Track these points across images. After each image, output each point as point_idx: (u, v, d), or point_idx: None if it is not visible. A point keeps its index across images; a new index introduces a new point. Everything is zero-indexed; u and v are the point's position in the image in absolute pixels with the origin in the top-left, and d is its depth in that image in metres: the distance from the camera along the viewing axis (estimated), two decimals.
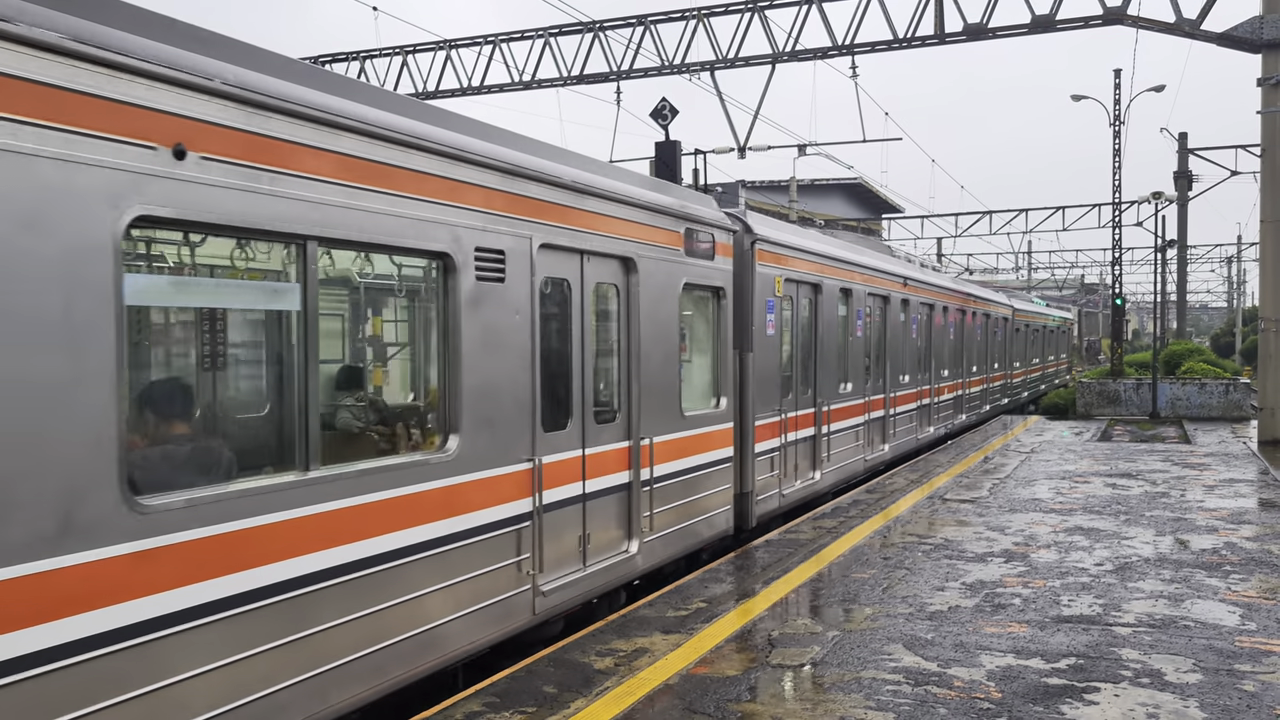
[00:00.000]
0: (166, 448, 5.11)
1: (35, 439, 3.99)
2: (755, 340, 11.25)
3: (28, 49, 3.93)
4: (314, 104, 5.29)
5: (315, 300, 5.32)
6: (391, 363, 7.17)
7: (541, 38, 26.10)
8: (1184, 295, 45.50)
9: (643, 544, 8.68)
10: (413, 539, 5.97)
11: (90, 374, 4.19)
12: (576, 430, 7.87)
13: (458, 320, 6.43)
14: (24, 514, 3.94)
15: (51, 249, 4.06)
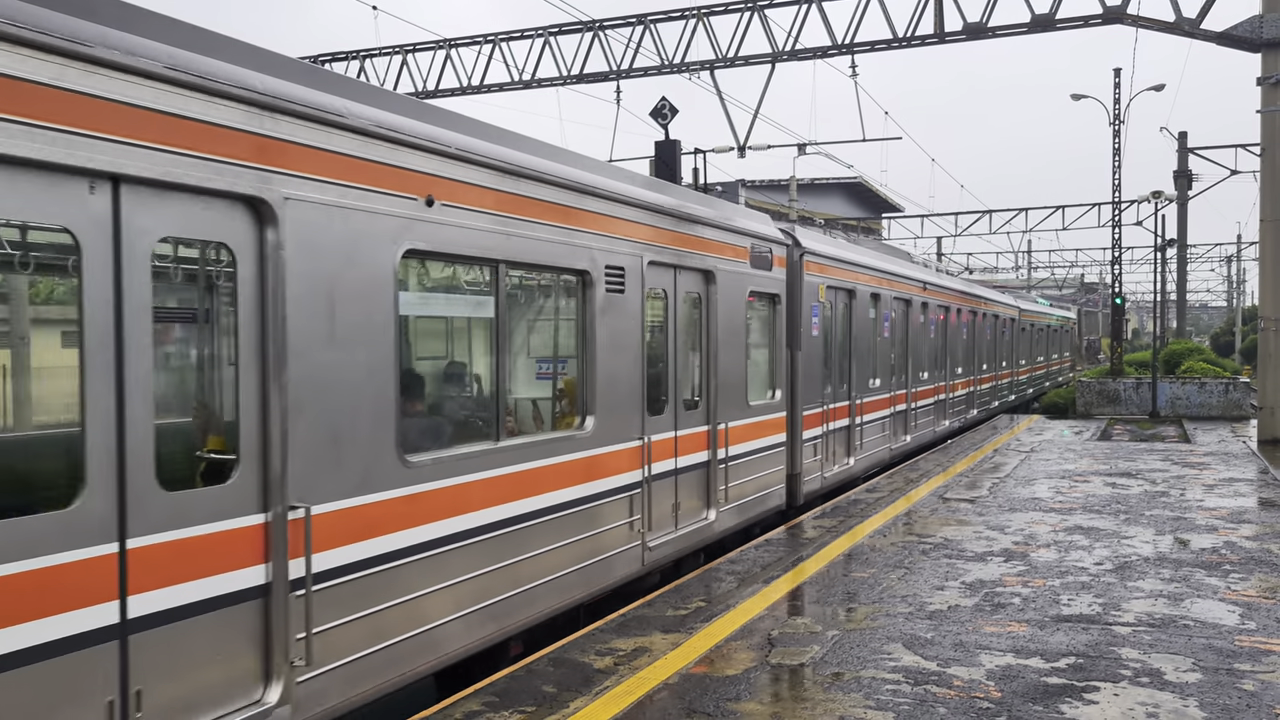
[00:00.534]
0: (419, 420, 6.68)
1: (354, 414, 5.59)
2: (803, 340, 12.82)
3: (356, 136, 5.64)
4: (504, 157, 6.91)
5: (505, 309, 7.08)
6: (545, 355, 8.55)
7: (541, 37, 26.10)
8: (1184, 294, 45.51)
9: (719, 513, 10.35)
10: (567, 497, 7.69)
11: (380, 366, 5.82)
12: (671, 415, 9.50)
13: (593, 324, 8.09)
14: (348, 467, 5.57)
15: (363, 275, 5.72)
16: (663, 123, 23.94)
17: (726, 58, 24.37)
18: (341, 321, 5.53)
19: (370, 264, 5.72)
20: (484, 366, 7.20)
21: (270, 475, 5.11)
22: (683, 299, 9.77)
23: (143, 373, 4.54)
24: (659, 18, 25.03)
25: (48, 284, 5.18)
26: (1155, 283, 32.12)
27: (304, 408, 5.30)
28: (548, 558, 7.41)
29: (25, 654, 4.05)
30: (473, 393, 7.47)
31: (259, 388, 5.11)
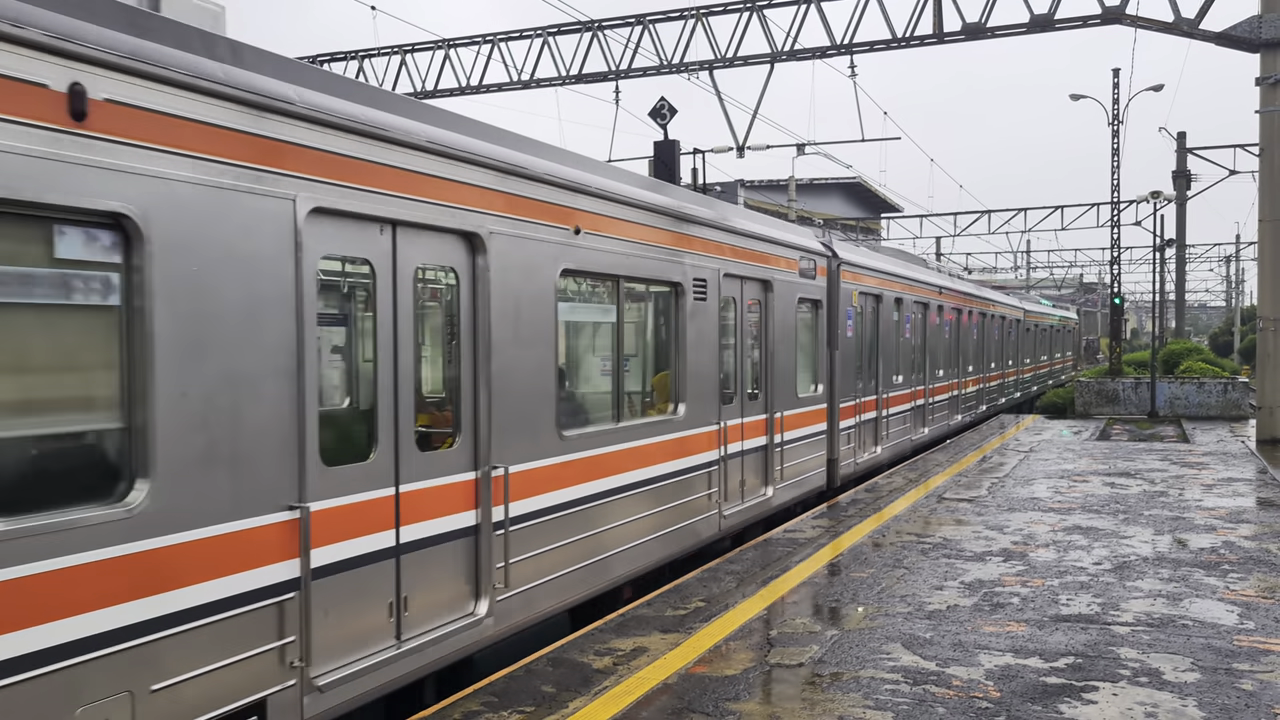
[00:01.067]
0: (568, 404, 8.45)
1: (530, 398, 7.35)
2: (840, 341, 14.41)
3: (535, 183, 7.38)
4: (627, 194, 8.69)
5: (623, 315, 8.93)
6: (647, 353, 10.13)
7: (540, 37, 26.10)
8: (1182, 294, 45.53)
9: (775, 489, 12.04)
10: (668, 469, 9.45)
11: (546, 361, 7.56)
12: (739, 404, 11.15)
13: (684, 326, 9.81)
14: (527, 438, 7.34)
15: (535, 290, 7.43)
16: (662, 123, 23.95)
17: (725, 58, 24.38)
18: (523, 326, 7.27)
19: (540, 281, 7.46)
20: (608, 361, 9.01)
21: (480, 443, 6.82)
22: (747, 305, 11.48)
23: (409, 364, 6.17)
24: (658, 18, 25.03)
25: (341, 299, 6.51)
26: (1154, 283, 32.14)
27: (500, 393, 7.02)
28: (655, 518, 9.25)
29: (350, 562, 5.78)
30: (600, 382, 9.16)
31: (473, 377, 6.83)
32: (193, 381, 4.71)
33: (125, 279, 4.46)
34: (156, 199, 4.50)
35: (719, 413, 10.50)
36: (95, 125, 4.25)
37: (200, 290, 4.78)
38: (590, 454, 8.12)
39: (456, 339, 6.76)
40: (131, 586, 4.40)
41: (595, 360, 9.13)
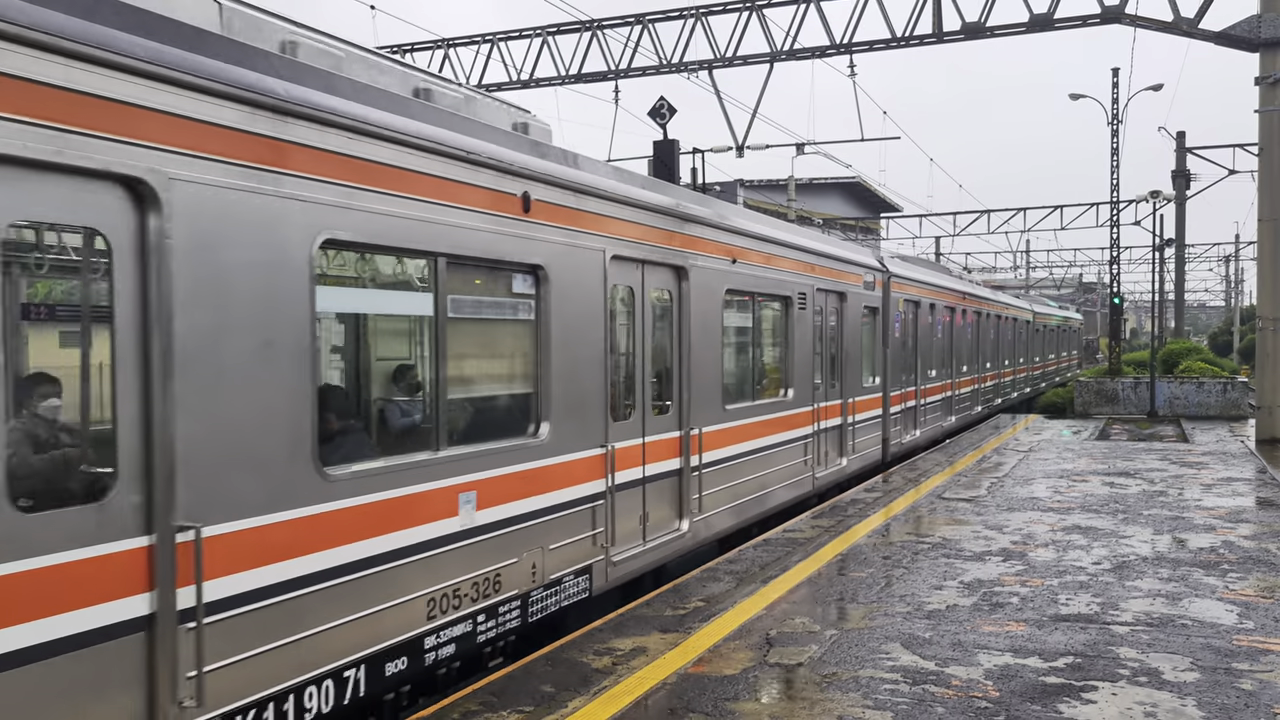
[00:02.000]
0: (730, 387, 11.03)
1: (709, 381, 9.96)
2: (891, 341, 17.31)
3: (721, 230, 10.36)
4: (762, 232, 11.60)
5: (757, 322, 11.81)
6: (769, 350, 12.66)
7: (539, 36, 26.08)
8: (1182, 294, 45.53)
9: (849, 460, 14.90)
10: (781, 439, 12.20)
11: (715, 357, 10.09)
12: (824, 391, 13.92)
13: (792, 329, 12.63)
14: (710, 408, 9.87)
15: (714, 306, 10.32)
16: (661, 122, 23.94)
17: (725, 57, 24.37)
18: (706, 332, 10.07)
19: (715, 298, 10.34)
20: (746, 356, 11.92)
21: (683, 415, 9.55)
22: (830, 312, 14.30)
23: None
24: (657, 17, 25.02)
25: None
26: (1153, 282, 32.14)
27: (693, 379, 9.70)
28: (775, 474, 12.02)
29: (627, 484, 8.69)
30: (741, 371, 11.80)
31: (680, 370, 9.61)
32: (563, 366, 7.74)
33: (536, 304, 7.58)
34: (554, 256, 7.60)
35: (813, 397, 13.43)
36: (533, 214, 7.38)
37: (566, 318, 7.93)
38: (739, 423, 10.95)
39: (677, 347, 9.67)
40: (537, 486, 7.43)
41: (737, 355, 11.70)
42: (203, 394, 4.80)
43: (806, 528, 11.41)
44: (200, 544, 4.72)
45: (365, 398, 7.08)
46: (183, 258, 4.67)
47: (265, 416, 5.15)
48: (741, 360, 11.85)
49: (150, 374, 4.57)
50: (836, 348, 14.61)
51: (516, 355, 7.69)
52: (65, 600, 4.22)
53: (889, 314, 17.19)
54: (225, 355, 4.92)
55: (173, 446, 4.63)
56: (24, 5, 4.08)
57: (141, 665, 4.55)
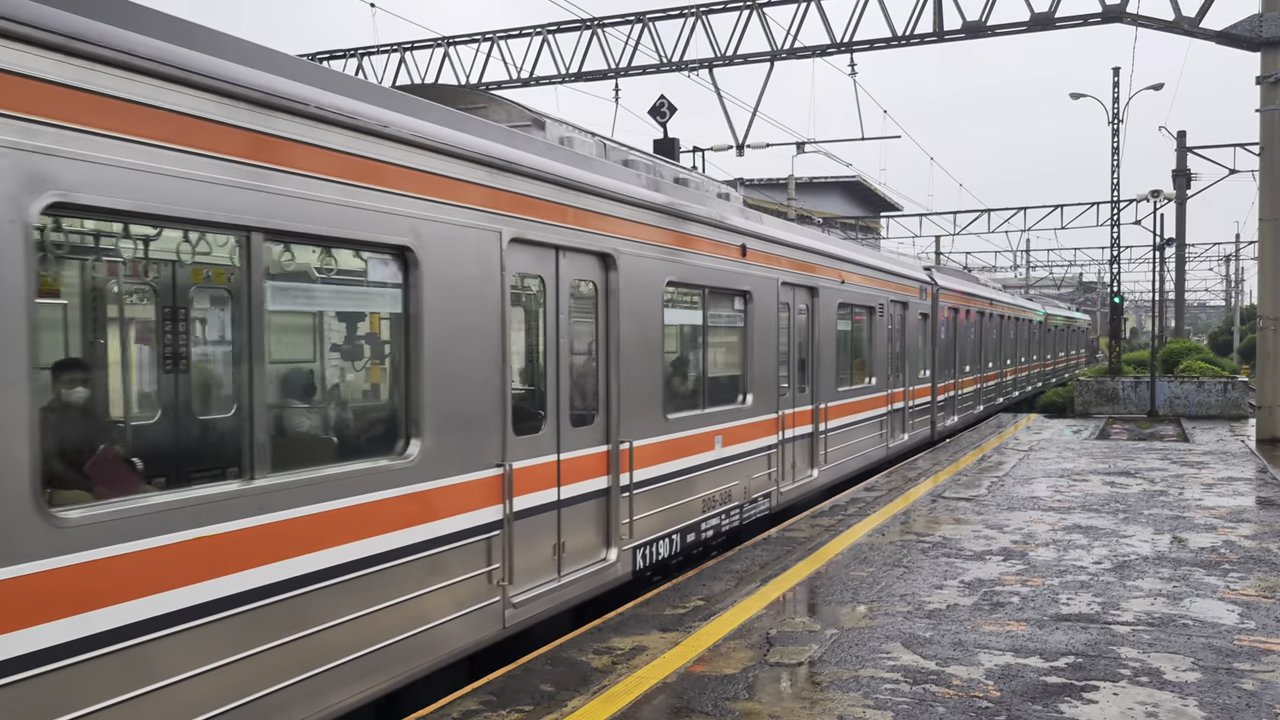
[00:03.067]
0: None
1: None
2: (938, 341, 21.04)
3: (838, 261, 14.37)
4: (860, 259, 15.27)
5: (850, 326, 15.05)
6: (868, 348, 16.25)
7: (540, 34, 26.06)
8: (1182, 293, 45.49)
9: (909, 435, 18.69)
10: (882, 411, 16.59)
11: (831, 354, 13.95)
12: (893, 381, 17.44)
13: (874, 332, 16.11)
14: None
15: (831, 316, 14.01)
16: (661, 121, 23.93)
17: (725, 56, 24.34)
18: (824, 332, 12.92)
19: (832, 310, 13.72)
20: (850, 354, 15.39)
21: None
22: (896, 319, 17.66)
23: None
24: (658, 16, 24.99)
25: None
26: (1154, 282, 32.13)
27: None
28: (879, 434, 16.41)
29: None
30: (852, 362, 15.26)
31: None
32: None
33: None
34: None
35: (889, 383, 17.18)
36: (748, 258, 10.41)
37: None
38: (847, 402, 14.51)
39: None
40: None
41: (837, 354, 14.46)
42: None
43: (806, 527, 11.40)
44: (632, 450, 8.52)
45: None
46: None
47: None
48: (855, 352, 15.73)
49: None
50: (901, 346, 18.16)
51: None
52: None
53: (936, 319, 20.90)
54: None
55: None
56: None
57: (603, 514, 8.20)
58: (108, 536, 4.30)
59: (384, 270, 6.20)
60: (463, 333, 6.55)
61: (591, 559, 8.10)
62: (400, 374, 6.21)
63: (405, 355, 6.15)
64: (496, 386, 6.85)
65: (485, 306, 6.76)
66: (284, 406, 6.11)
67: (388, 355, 6.59)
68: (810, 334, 13.29)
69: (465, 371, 6.56)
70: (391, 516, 5.86)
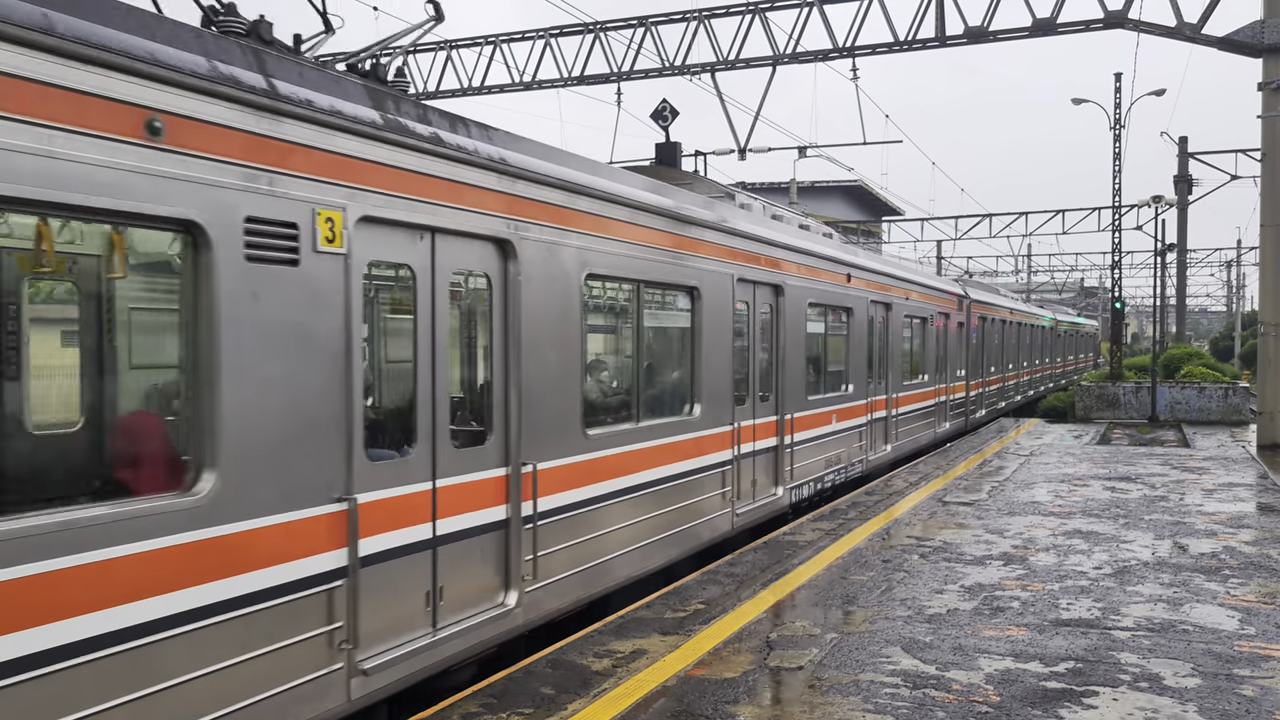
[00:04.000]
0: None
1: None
2: (970, 346, 24.61)
3: (904, 283, 18.20)
4: (919, 278, 19.54)
5: (914, 333, 19.20)
6: (921, 352, 19.49)
7: (542, 38, 26.09)
8: (1183, 299, 45.47)
9: (950, 424, 22.17)
10: (920, 407, 19.59)
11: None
12: (939, 378, 20.64)
13: (927, 337, 19.79)
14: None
15: (901, 325, 17.98)
16: (663, 125, 23.93)
17: (727, 60, 24.36)
18: (897, 340, 16.81)
19: (900, 321, 17.22)
20: (908, 358, 18.42)
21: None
22: (940, 328, 21.14)
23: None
24: (660, 20, 25.02)
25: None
26: (1155, 287, 32.13)
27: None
28: (930, 422, 19.87)
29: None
30: (911, 365, 18.56)
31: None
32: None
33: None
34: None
35: (935, 382, 20.55)
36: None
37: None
38: (908, 394, 17.67)
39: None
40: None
41: (906, 355, 17.50)
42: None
43: (807, 531, 11.40)
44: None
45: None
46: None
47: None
48: (911, 357, 18.87)
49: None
50: (944, 350, 21.70)
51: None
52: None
53: (969, 327, 24.62)
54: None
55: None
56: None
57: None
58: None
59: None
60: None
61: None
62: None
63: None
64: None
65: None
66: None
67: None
68: (875, 339, 16.27)
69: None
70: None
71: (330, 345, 5.46)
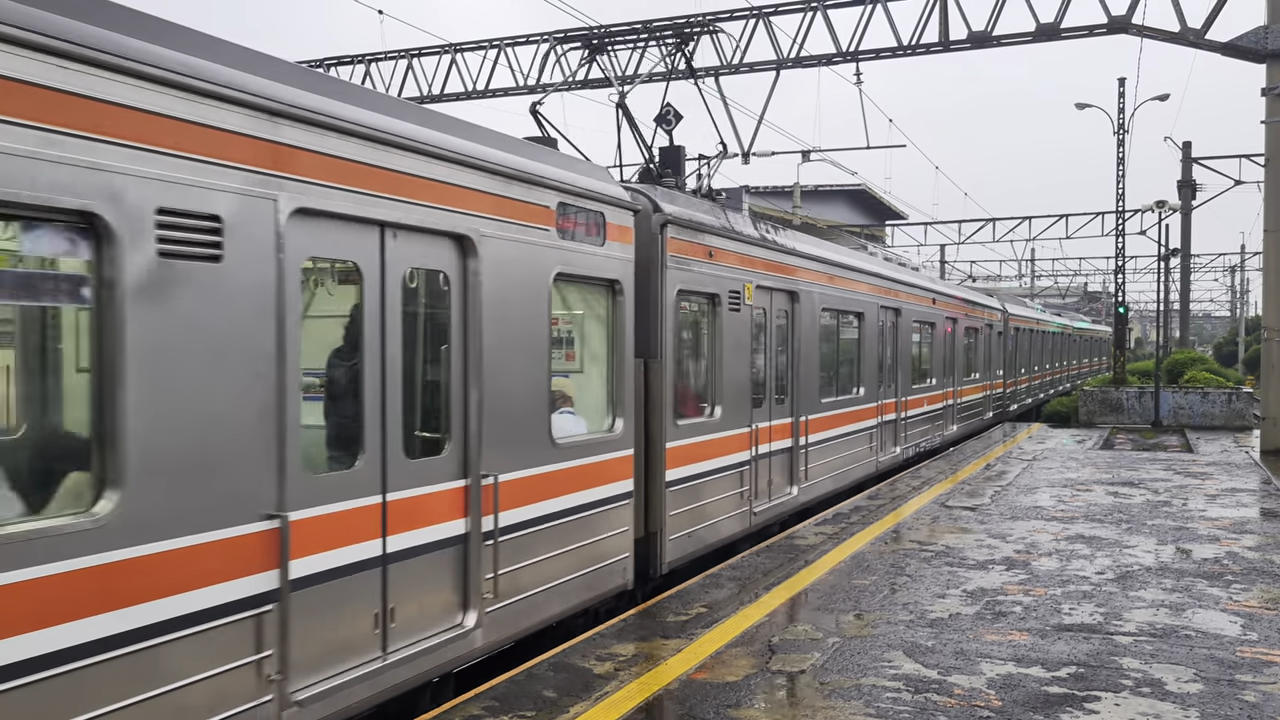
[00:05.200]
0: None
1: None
2: (1006, 351, 29.13)
3: (933, 294, 21.10)
4: (976, 300, 26.01)
5: (967, 340, 24.66)
6: (974, 356, 24.95)
7: (546, 42, 26.13)
8: (1187, 304, 45.39)
9: (991, 413, 26.98)
10: (978, 398, 25.19)
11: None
12: (986, 375, 26.05)
13: (978, 345, 25.19)
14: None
15: (943, 332, 21.62)
16: (667, 129, 23.94)
17: (731, 64, 24.39)
18: (976, 348, 24.45)
19: (960, 331, 22.20)
20: (966, 359, 23.31)
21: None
22: (986, 336, 25.45)
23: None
24: (664, 25, 25.02)
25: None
26: (1158, 292, 32.14)
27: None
28: (969, 422, 23.76)
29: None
30: (973, 371, 23.87)
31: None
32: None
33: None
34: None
35: (986, 379, 24.82)
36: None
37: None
38: (968, 386, 22.82)
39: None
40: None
41: (966, 354, 21.75)
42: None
43: (810, 534, 11.40)
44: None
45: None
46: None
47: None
48: (974, 364, 23.69)
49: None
50: (989, 354, 26.59)
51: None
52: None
53: (1007, 335, 29.55)
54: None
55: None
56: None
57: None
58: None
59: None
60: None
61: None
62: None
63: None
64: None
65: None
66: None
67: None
68: (934, 345, 20.43)
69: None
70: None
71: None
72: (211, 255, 4.70)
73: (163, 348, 4.46)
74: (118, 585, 4.27)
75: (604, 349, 8.54)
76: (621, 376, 8.44)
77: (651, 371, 9.10)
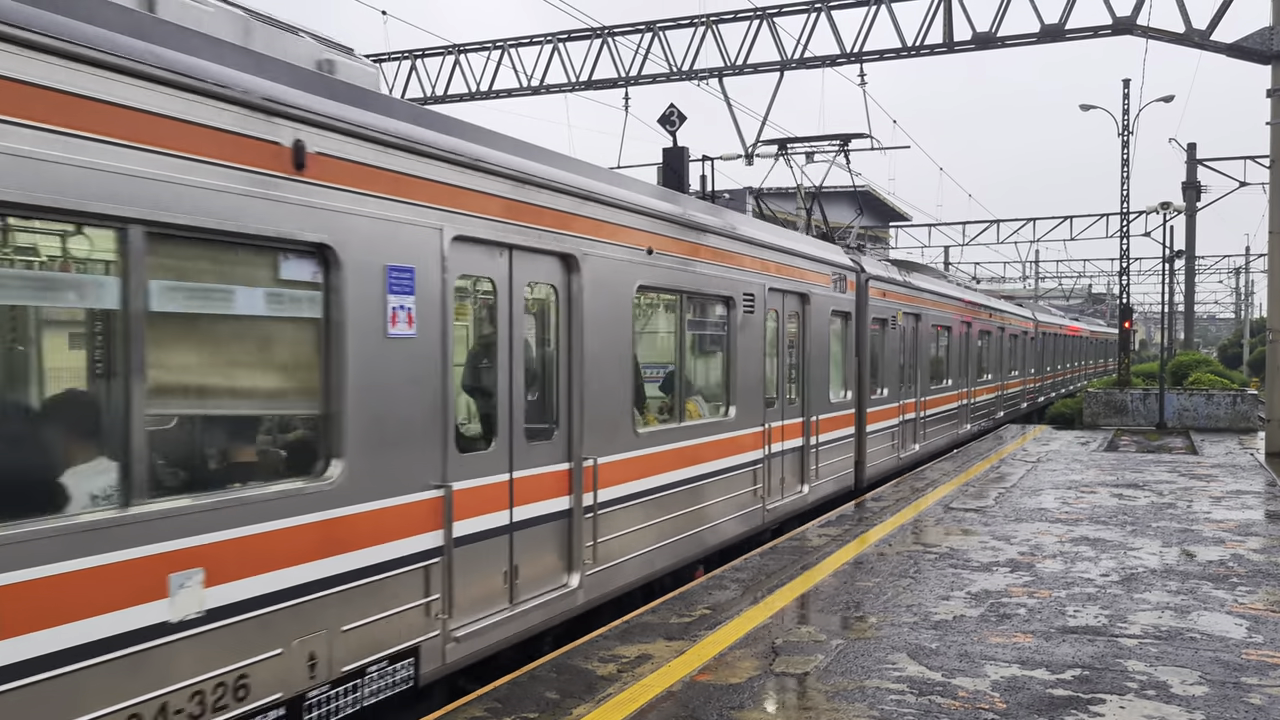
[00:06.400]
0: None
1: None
2: (1036, 352, 35.16)
3: (967, 304, 25.04)
4: (1015, 313, 32.63)
5: (1008, 345, 30.94)
6: (1013, 356, 30.84)
7: (550, 43, 26.14)
8: (1191, 306, 45.34)
9: (1026, 404, 32.92)
10: (1018, 391, 31.28)
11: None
12: (1022, 374, 32.08)
13: (1017, 347, 31.24)
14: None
15: (983, 340, 26.18)
16: (671, 130, 23.93)
17: (735, 65, 24.38)
18: (1008, 351, 28.96)
19: (1006, 335, 28.25)
20: (1006, 358, 28.91)
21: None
22: (1022, 340, 31.33)
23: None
24: (668, 25, 25.05)
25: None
26: (1163, 294, 32.10)
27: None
28: (1007, 409, 28.74)
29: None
30: (1007, 370, 28.46)
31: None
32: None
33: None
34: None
35: (1022, 376, 29.73)
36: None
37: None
38: (1011, 381, 28.52)
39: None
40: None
41: (1008, 355, 26.89)
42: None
43: (814, 536, 11.38)
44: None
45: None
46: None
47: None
48: (1003, 363, 27.21)
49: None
50: (1024, 354, 30.91)
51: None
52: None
53: (1040, 337, 35.52)
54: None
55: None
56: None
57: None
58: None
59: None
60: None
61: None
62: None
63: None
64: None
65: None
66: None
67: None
68: (984, 347, 24.85)
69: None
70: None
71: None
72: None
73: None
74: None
75: (841, 352, 14.52)
76: (851, 369, 14.87)
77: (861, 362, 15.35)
